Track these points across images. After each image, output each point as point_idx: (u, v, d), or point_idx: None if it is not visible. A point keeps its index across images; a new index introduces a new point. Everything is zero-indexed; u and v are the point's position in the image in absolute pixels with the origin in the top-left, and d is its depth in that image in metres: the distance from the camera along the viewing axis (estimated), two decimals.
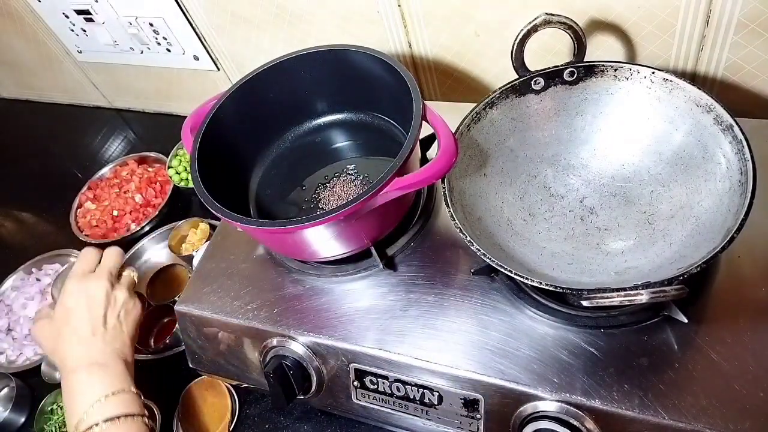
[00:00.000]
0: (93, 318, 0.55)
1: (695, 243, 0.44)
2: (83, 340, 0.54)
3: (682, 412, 0.40)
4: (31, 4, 0.90)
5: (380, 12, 0.65)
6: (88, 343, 0.53)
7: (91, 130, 1.09)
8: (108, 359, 0.53)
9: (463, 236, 0.44)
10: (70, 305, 0.55)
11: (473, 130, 0.52)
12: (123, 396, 0.51)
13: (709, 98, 0.46)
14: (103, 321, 0.55)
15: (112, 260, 0.60)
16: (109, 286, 0.57)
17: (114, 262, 0.60)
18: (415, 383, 0.48)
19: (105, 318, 0.55)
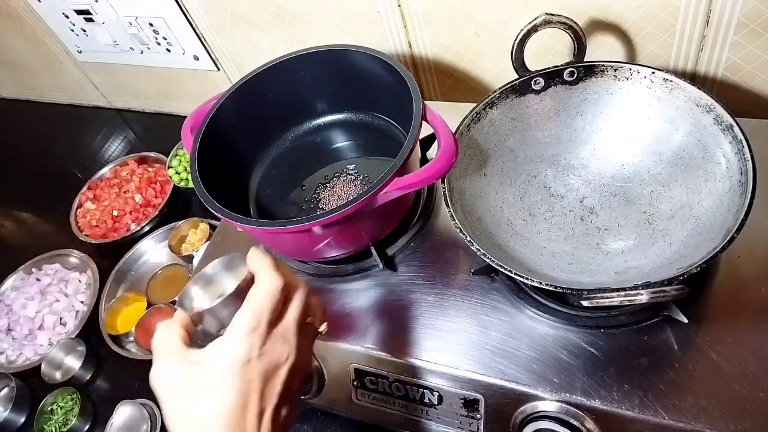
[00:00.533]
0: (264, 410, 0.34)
1: (695, 243, 0.44)
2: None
3: (682, 412, 0.40)
4: (31, 4, 0.90)
5: (380, 12, 0.65)
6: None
7: (91, 130, 1.09)
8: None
9: (463, 236, 0.44)
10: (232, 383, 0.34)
11: (473, 130, 0.52)
12: None
13: (709, 98, 0.46)
14: (273, 415, 0.34)
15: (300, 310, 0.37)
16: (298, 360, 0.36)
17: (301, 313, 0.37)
18: (415, 383, 0.48)
19: (278, 412, 0.35)
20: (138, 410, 0.66)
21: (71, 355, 0.76)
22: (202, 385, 0.34)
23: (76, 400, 0.70)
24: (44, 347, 0.78)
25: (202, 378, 0.34)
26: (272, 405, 0.34)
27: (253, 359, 0.34)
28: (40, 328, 0.79)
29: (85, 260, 0.85)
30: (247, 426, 0.33)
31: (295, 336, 0.36)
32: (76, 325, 0.78)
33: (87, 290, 0.82)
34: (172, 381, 0.35)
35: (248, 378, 0.34)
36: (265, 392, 0.34)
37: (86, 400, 0.70)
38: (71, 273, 0.85)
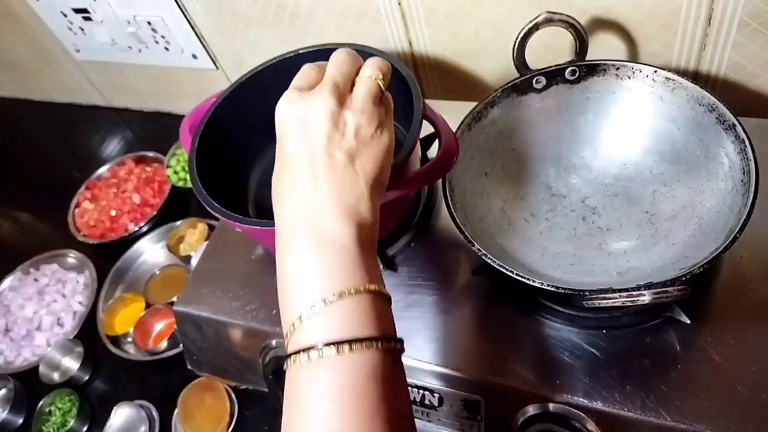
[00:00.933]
0: (310, 153, 0.33)
1: (698, 243, 0.44)
2: (298, 186, 0.33)
3: (684, 413, 0.40)
4: (29, 3, 0.89)
5: (380, 10, 0.65)
6: (304, 190, 0.33)
7: (88, 129, 1.09)
8: (329, 223, 0.32)
9: (463, 236, 0.44)
10: (279, 135, 0.36)
11: (474, 130, 0.52)
12: (354, 302, 0.30)
13: (712, 97, 0.45)
14: (326, 157, 0.33)
15: (341, 67, 0.36)
16: (335, 104, 0.34)
17: (345, 71, 0.36)
18: (415, 385, 0.47)
19: (329, 152, 0.33)
20: (136, 412, 0.66)
21: (69, 356, 0.75)
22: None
23: (74, 401, 0.70)
24: (42, 348, 0.77)
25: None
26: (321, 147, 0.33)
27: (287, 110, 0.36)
28: (38, 329, 0.79)
29: (82, 260, 0.85)
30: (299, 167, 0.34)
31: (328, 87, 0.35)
32: (74, 325, 0.78)
33: (85, 291, 0.82)
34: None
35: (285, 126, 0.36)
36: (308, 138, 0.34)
37: (84, 402, 0.70)
38: (69, 273, 0.85)
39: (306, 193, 0.33)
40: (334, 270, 0.31)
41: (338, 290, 0.30)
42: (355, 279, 0.31)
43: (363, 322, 0.30)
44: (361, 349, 0.29)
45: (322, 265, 0.31)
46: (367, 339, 0.29)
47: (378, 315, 0.31)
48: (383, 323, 0.31)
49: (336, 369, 0.29)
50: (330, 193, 0.32)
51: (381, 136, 0.35)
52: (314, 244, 0.32)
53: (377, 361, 0.30)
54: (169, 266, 0.78)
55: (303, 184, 0.33)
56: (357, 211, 0.33)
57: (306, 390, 0.29)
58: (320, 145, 0.33)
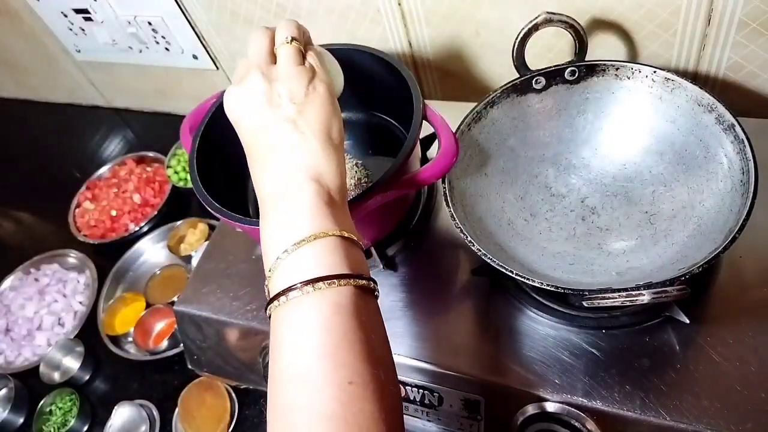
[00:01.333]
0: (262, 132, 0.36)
1: (697, 243, 0.44)
2: (264, 163, 0.36)
3: (683, 413, 0.40)
4: (29, 3, 0.89)
5: (380, 11, 0.65)
6: (268, 164, 0.35)
7: (89, 129, 1.09)
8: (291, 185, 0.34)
9: (463, 236, 0.44)
10: (235, 126, 0.38)
11: (474, 130, 0.52)
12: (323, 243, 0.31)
13: (711, 98, 0.45)
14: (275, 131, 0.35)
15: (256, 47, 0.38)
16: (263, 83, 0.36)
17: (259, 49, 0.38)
18: (415, 384, 0.47)
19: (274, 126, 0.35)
20: (137, 411, 0.66)
21: (70, 355, 0.75)
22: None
23: (74, 400, 0.70)
24: (43, 348, 0.77)
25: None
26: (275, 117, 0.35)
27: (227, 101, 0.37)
28: (38, 329, 0.79)
29: (83, 260, 0.85)
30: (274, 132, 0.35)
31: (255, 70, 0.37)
32: (74, 325, 0.78)
33: (85, 290, 0.82)
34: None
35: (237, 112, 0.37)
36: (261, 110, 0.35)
37: (85, 401, 0.70)
38: (70, 273, 0.85)
39: (270, 166, 0.35)
40: (302, 220, 0.32)
41: (306, 235, 0.31)
42: (323, 225, 0.32)
43: (334, 262, 0.31)
44: (334, 285, 0.30)
45: (290, 219, 0.33)
46: (338, 276, 0.30)
47: (348, 255, 0.32)
48: (354, 263, 0.32)
49: (310, 306, 0.30)
50: (286, 160, 0.34)
51: (315, 90, 0.36)
52: (282, 206, 0.33)
53: (351, 296, 0.31)
54: (169, 266, 0.78)
55: (265, 159, 0.35)
56: (313, 166, 0.34)
57: (284, 329, 0.31)
58: (266, 124, 0.35)
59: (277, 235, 0.32)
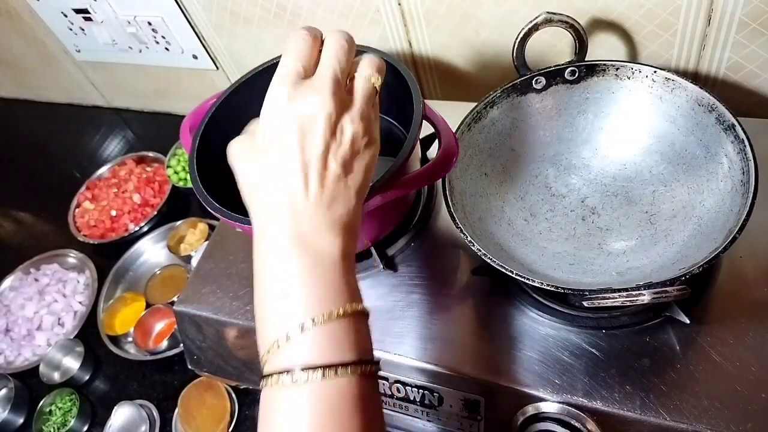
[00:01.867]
0: (303, 160, 0.31)
1: (697, 243, 0.44)
2: (288, 193, 0.31)
3: (683, 413, 0.40)
4: (29, 3, 0.89)
5: (380, 10, 0.65)
6: (294, 199, 0.31)
7: (89, 129, 1.09)
8: (320, 236, 0.31)
9: (463, 236, 0.44)
10: (271, 134, 0.32)
11: (474, 130, 0.52)
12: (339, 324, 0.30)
13: (711, 98, 0.45)
14: (321, 167, 0.31)
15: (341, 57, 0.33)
16: (335, 108, 0.31)
17: (343, 61, 0.33)
18: (416, 384, 0.47)
19: (325, 161, 0.31)
20: (137, 411, 0.66)
21: (70, 355, 0.75)
22: (249, 148, 0.33)
23: (74, 401, 0.70)
24: (42, 348, 0.77)
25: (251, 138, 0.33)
26: (316, 157, 0.31)
27: (283, 106, 0.31)
28: (38, 329, 0.79)
29: (83, 260, 0.85)
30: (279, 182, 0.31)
31: (329, 86, 0.31)
32: (74, 325, 0.78)
33: (85, 290, 0.82)
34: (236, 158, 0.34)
35: (280, 126, 0.31)
36: (304, 144, 0.31)
37: (85, 401, 0.70)
38: (69, 273, 0.85)
39: (296, 202, 0.31)
40: (323, 288, 0.30)
41: (327, 311, 0.29)
42: (343, 297, 0.30)
43: (345, 347, 0.29)
44: (341, 374, 0.29)
45: (310, 281, 0.30)
46: (346, 364, 0.29)
47: (358, 337, 0.30)
48: (363, 346, 0.30)
49: (314, 393, 0.28)
50: (322, 206, 0.31)
51: (372, 145, 0.34)
52: (303, 258, 0.30)
53: (354, 385, 0.29)
54: (169, 266, 0.78)
55: (293, 191, 0.31)
56: (345, 224, 0.32)
57: (283, 412, 0.29)
58: (316, 154, 0.31)
59: (295, 295, 0.30)
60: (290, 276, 0.30)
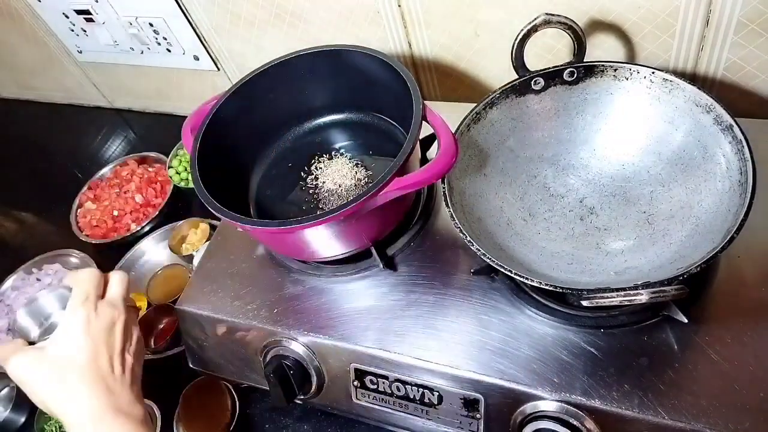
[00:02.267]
0: (112, 352, 0.46)
1: (695, 243, 0.44)
2: (104, 384, 0.44)
3: (681, 412, 0.40)
4: (31, 5, 0.90)
5: (380, 12, 0.65)
6: (109, 385, 0.44)
7: (91, 130, 1.09)
8: (132, 407, 0.45)
9: (463, 236, 0.44)
10: (81, 339, 0.45)
11: (473, 130, 0.52)
12: None
13: (709, 98, 0.46)
14: (122, 358, 0.46)
15: (123, 287, 0.50)
16: (128, 321, 0.49)
17: (125, 290, 0.50)
18: (415, 383, 0.48)
19: (123, 356, 0.46)
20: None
21: None
22: (58, 355, 0.45)
23: None
24: None
25: (57, 349, 0.45)
26: (117, 351, 0.46)
27: (92, 320, 0.46)
28: None
29: (85, 260, 0.85)
30: (102, 369, 0.45)
31: (121, 303, 0.49)
32: None
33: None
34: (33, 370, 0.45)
35: (92, 334, 0.46)
36: (108, 342, 0.46)
37: None
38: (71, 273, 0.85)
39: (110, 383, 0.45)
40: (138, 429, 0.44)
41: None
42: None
43: None
44: None
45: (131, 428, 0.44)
46: None
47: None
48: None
49: None
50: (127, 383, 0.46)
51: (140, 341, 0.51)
52: (124, 423, 0.44)
53: None
54: (171, 266, 0.78)
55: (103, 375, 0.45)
56: (140, 397, 0.47)
57: None
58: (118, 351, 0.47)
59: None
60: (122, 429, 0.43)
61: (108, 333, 0.46)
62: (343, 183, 0.59)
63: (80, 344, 0.45)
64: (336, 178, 0.59)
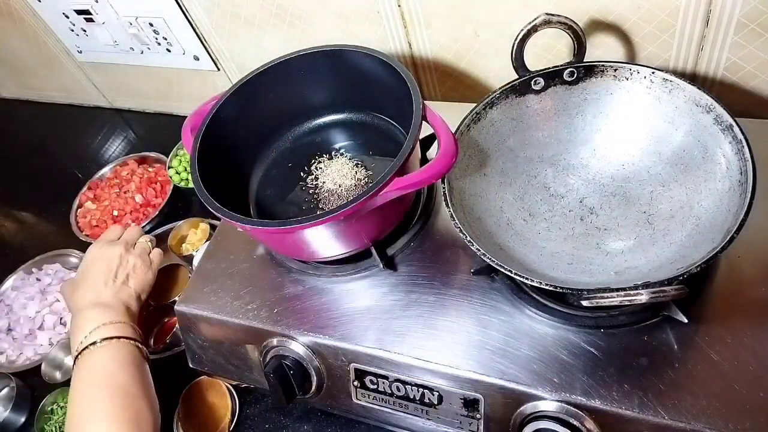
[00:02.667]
0: (106, 272, 0.63)
1: (695, 243, 0.44)
2: (95, 288, 0.62)
3: (681, 411, 0.40)
4: (31, 4, 0.90)
5: (380, 12, 0.65)
6: (98, 290, 0.62)
7: (91, 130, 1.09)
8: (113, 302, 0.61)
9: (463, 236, 0.44)
10: (89, 262, 0.65)
11: (473, 130, 0.52)
12: (121, 325, 0.58)
13: (709, 98, 0.46)
14: (114, 276, 0.63)
15: (131, 234, 0.70)
16: (124, 251, 0.65)
17: (132, 236, 0.69)
18: (415, 383, 0.48)
19: (116, 274, 0.63)
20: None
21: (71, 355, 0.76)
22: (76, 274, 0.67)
23: None
24: (44, 347, 0.78)
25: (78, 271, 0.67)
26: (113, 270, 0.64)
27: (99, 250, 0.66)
28: (40, 328, 0.79)
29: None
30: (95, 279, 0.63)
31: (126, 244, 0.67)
32: None
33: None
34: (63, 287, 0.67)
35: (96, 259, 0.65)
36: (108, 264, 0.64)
37: None
38: (71, 273, 0.85)
39: (99, 289, 0.62)
40: (113, 316, 0.59)
41: (111, 320, 0.59)
42: (123, 318, 0.60)
43: (125, 332, 0.58)
44: (120, 341, 0.57)
45: (104, 314, 0.59)
46: (126, 338, 0.58)
47: (134, 332, 0.59)
48: (135, 334, 0.59)
49: (107, 350, 0.56)
50: (114, 291, 0.62)
51: (147, 272, 0.66)
52: (100, 308, 0.60)
53: (133, 350, 0.57)
54: (171, 266, 0.78)
55: (98, 285, 0.62)
56: (128, 302, 0.62)
57: (82, 369, 0.56)
58: (111, 270, 0.63)
59: (94, 317, 0.59)
60: (96, 315, 0.59)
61: (106, 259, 0.64)
62: (343, 183, 0.59)
63: (84, 266, 0.65)
64: (336, 178, 0.59)
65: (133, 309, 0.62)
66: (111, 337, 0.56)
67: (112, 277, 0.63)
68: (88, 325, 0.58)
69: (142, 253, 0.67)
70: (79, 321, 0.59)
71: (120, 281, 0.63)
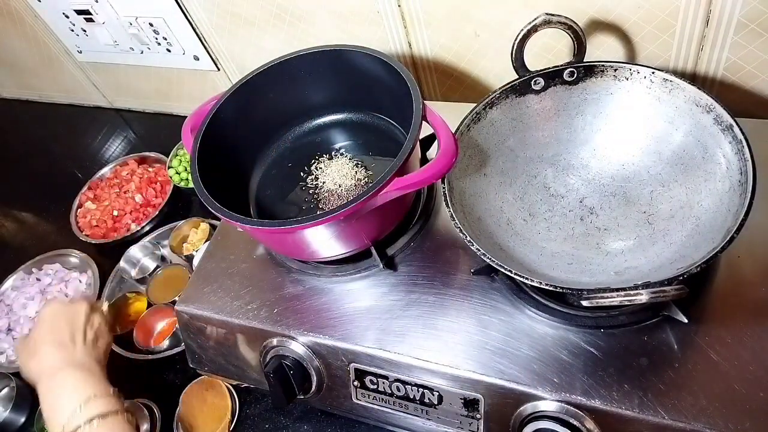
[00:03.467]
0: (74, 328, 0.58)
1: (695, 243, 0.44)
2: (64, 346, 0.56)
3: (681, 411, 0.40)
4: (31, 5, 0.90)
5: (380, 12, 0.65)
6: (68, 348, 0.56)
7: (91, 130, 1.09)
8: (89, 364, 0.55)
9: (463, 236, 0.44)
10: (48, 318, 0.59)
11: (473, 130, 0.52)
12: (106, 399, 0.53)
13: (709, 98, 0.46)
14: (83, 333, 0.58)
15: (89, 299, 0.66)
16: (89, 309, 0.61)
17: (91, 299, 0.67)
18: (415, 383, 0.48)
19: (84, 331, 0.58)
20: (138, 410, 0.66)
21: None
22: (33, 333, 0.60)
23: None
24: None
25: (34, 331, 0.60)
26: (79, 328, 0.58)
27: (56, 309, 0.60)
28: None
29: (85, 260, 0.85)
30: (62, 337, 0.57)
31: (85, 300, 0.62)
32: None
33: (87, 290, 0.82)
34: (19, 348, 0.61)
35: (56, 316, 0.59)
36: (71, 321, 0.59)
37: None
38: (71, 273, 0.85)
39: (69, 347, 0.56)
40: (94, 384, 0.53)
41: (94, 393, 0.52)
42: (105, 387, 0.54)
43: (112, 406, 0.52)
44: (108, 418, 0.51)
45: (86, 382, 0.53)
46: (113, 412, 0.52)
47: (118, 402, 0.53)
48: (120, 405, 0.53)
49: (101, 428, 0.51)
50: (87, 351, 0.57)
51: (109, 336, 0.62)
52: (79, 372, 0.54)
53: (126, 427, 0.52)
54: (171, 266, 0.78)
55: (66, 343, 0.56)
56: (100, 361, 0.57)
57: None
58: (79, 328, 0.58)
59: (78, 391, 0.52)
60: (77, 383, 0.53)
61: (72, 314, 0.59)
62: (343, 183, 0.59)
63: (44, 323, 0.58)
64: (336, 178, 0.59)
65: (104, 364, 0.58)
66: (105, 414, 0.51)
67: (81, 335, 0.57)
68: (72, 397, 0.51)
69: (104, 317, 0.63)
70: (56, 387, 0.53)
71: (90, 339, 0.58)
